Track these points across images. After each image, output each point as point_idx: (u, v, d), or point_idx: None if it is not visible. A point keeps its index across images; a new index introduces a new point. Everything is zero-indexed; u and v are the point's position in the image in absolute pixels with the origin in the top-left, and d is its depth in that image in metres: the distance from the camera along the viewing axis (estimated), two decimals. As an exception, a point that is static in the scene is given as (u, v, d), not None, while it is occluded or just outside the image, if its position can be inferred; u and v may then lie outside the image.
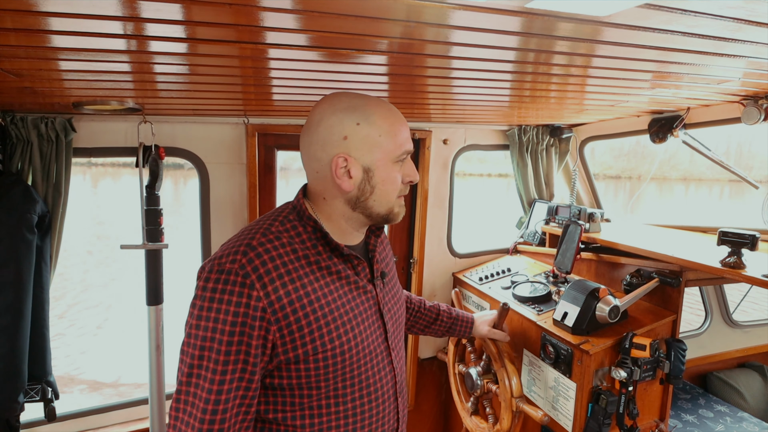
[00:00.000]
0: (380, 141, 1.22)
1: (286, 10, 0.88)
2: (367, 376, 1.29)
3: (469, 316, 2.13)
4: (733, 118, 2.16)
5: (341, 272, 1.26)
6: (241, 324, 1.09)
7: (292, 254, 1.19)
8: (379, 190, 1.25)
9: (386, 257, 1.51)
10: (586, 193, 3.33)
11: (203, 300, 1.11)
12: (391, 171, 1.25)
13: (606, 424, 1.99)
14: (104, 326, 7.79)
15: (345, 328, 1.22)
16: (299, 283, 1.17)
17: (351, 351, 1.23)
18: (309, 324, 1.16)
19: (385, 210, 1.29)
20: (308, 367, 1.19)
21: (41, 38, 1.05)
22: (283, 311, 1.13)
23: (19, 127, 2.06)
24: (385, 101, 1.26)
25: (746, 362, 3.84)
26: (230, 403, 1.10)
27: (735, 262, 1.86)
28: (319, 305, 1.18)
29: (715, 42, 1.12)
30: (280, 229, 1.23)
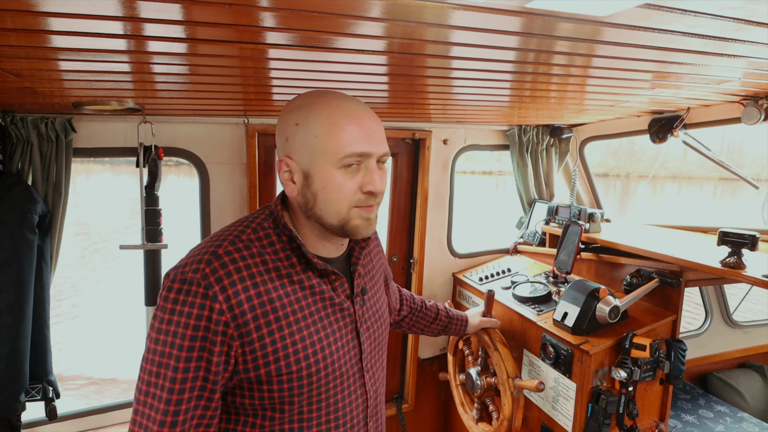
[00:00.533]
0: (316, 143, 1.10)
1: (285, 10, 0.88)
2: (336, 399, 1.20)
3: (464, 315, 2.19)
4: (733, 118, 2.16)
5: (315, 287, 1.16)
6: (201, 338, 1.01)
7: (262, 266, 1.10)
8: (322, 198, 1.12)
9: (372, 269, 1.42)
10: (586, 193, 3.33)
11: (164, 311, 1.03)
12: (332, 177, 1.10)
13: (606, 424, 1.99)
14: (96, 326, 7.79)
15: (314, 348, 1.13)
16: (266, 298, 1.08)
17: (319, 373, 1.14)
18: (274, 342, 1.08)
19: (337, 221, 1.14)
20: (272, 388, 1.11)
21: (41, 38, 1.05)
22: (246, 327, 1.05)
23: (19, 128, 2.06)
24: (343, 97, 1.15)
25: (746, 362, 3.84)
26: (187, 424, 1.03)
27: (735, 262, 1.86)
28: (286, 322, 1.10)
29: (715, 42, 1.12)
30: (252, 237, 1.14)
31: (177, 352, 1.01)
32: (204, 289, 1.02)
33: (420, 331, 2.05)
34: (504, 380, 2.23)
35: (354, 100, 1.15)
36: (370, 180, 1.12)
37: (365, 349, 1.27)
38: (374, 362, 1.32)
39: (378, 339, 1.34)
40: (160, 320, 1.03)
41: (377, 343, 1.34)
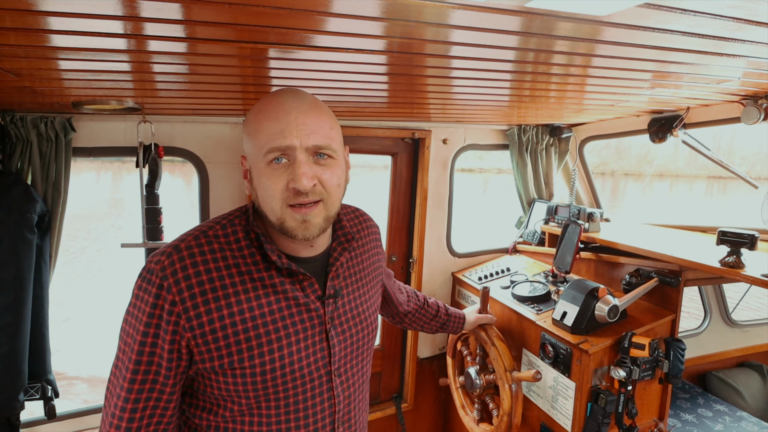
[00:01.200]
0: (247, 140, 1.13)
1: (284, 9, 0.88)
2: (296, 400, 1.19)
3: (461, 313, 2.21)
4: (733, 118, 2.16)
5: (277, 286, 1.16)
6: (155, 326, 1.07)
7: (221, 261, 1.12)
8: (260, 194, 1.13)
9: (361, 270, 1.38)
10: (585, 192, 3.33)
11: (132, 296, 1.11)
12: (262, 173, 1.10)
13: (605, 423, 2.00)
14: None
15: (271, 346, 1.13)
16: (221, 293, 1.10)
17: (275, 371, 1.14)
18: (226, 337, 1.09)
19: (275, 220, 1.11)
20: (227, 380, 1.13)
21: (41, 38, 1.05)
22: (198, 319, 1.07)
23: (19, 127, 2.06)
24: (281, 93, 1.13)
25: (745, 362, 3.85)
26: (141, 404, 1.08)
27: (734, 261, 1.86)
28: (240, 318, 1.11)
29: (715, 42, 1.12)
30: (219, 233, 1.15)
31: (135, 335, 1.08)
32: (159, 280, 1.06)
33: (420, 328, 2.06)
34: (502, 374, 2.24)
35: (291, 94, 1.12)
36: (293, 175, 1.07)
37: (336, 352, 1.24)
38: (349, 367, 1.29)
39: (356, 345, 1.30)
40: (129, 302, 1.11)
41: (354, 348, 1.30)
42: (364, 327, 1.34)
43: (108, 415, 1.10)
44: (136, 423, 1.09)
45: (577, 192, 3.28)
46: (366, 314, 1.35)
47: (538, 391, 2.29)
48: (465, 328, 2.27)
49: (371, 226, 1.49)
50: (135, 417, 1.08)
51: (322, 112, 1.13)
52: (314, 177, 1.09)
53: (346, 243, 1.30)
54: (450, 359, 2.77)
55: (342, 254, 1.29)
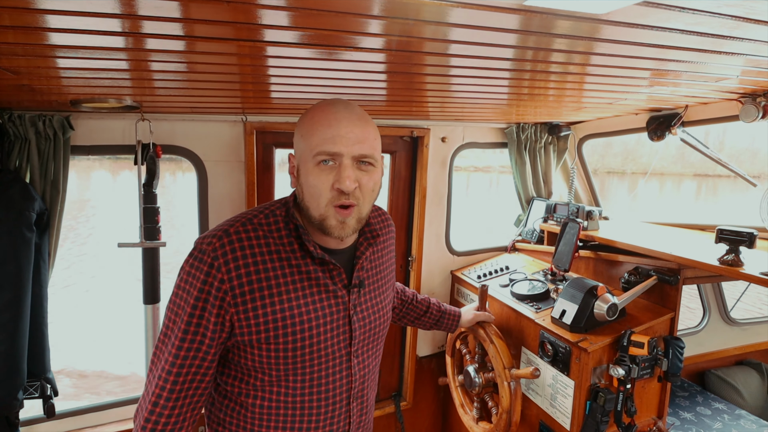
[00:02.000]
0: (300, 141, 1.27)
1: (283, 8, 0.88)
2: (319, 375, 1.34)
3: (457, 311, 2.23)
4: (731, 116, 2.16)
5: (311, 273, 1.30)
6: (203, 300, 1.21)
7: (264, 247, 1.27)
8: (306, 191, 1.26)
9: (381, 265, 1.53)
10: (584, 190, 3.34)
11: (182, 272, 1.25)
12: (310, 172, 1.24)
13: (604, 421, 2.00)
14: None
15: (301, 326, 1.28)
16: (264, 275, 1.24)
17: (304, 349, 1.29)
18: (265, 315, 1.24)
19: (317, 216, 1.26)
20: (260, 353, 1.28)
21: (39, 36, 1.04)
22: (243, 297, 1.22)
23: (17, 125, 2.06)
24: (334, 103, 1.26)
25: (744, 360, 3.85)
26: (185, 369, 1.23)
27: (733, 259, 1.86)
28: (279, 299, 1.26)
29: (714, 40, 1.12)
30: (262, 222, 1.30)
31: (184, 306, 1.23)
32: (211, 259, 1.21)
33: (410, 323, 2.12)
34: (501, 372, 2.25)
35: (343, 105, 1.26)
36: (338, 177, 1.21)
37: (356, 336, 1.39)
38: (366, 350, 1.45)
39: (373, 330, 1.46)
40: (180, 278, 1.26)
41: (372, 333, 1.46)
42: (381, 316, 1.49)
43: (155, 377, 1.25)
44: (179, 385, 1.24)
45: (576, 190, 3.29)
46: (382, 305, 1.51)
47: (537, 389, 2.30)
48: (462, 326, 2.28)
49: (391, 225, 1.65)
50: (179, 380, 1.23)
51: (368, 124, 1.27)
52: (356, 180, 1.23)
53: (371, 239, 1.44)
54: (449, 358, 2.77)
55: (367, 249, 1.43)
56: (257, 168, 2.63)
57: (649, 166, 53.02)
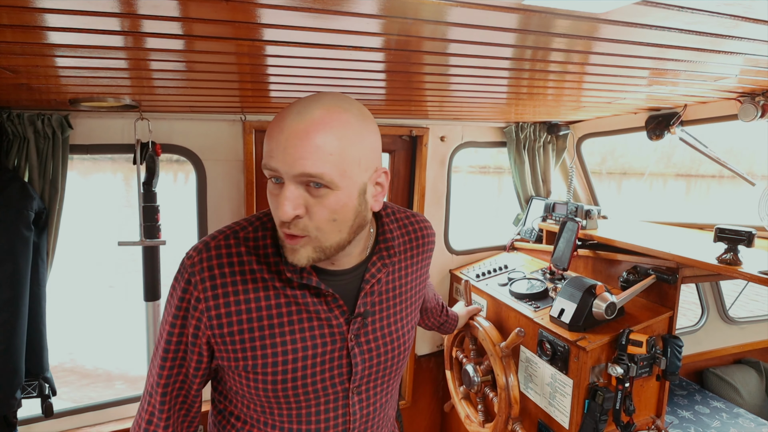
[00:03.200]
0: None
1: (282, 7, 0.88)
2: (308, 412, 1.15)
3: (455, 315, 2.21)
4: (730, 115, 2.16)
5: (298, 297, 1.10)
6: (182, 317, 1.11)
7: (246, 265, 1.09)
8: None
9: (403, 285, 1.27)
10: (583, 190, 3.34)
11: (171, 286, 1.15)
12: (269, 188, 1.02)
13: (602, 420, 2.00)
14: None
15: (284, 357, 1.09)
16: (242, 297, 1.07)
17: (286, 383, 1.11)
18: (242, 341, 1.08)
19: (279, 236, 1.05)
20: (241, 381, 1.13)
21: (37, 35, 1.04)
22: (218, 320, 1.07)
23: (16, 124, 2.05)
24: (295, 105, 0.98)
25: (742, 358, 3.86)
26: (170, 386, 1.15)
27: (731, 258, 1.86)
28: (258, 325, 1.08)
29: (713, 39, 1.12)
30: (249, 236, 1.12)
31: (167, 319, 1.13)
32: (188, 275, 1.09)
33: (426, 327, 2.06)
34: (492, 350, 2.32)
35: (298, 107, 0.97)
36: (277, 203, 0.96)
37: (358, 371, 1.17)
38: (372, 386, 1.22)
39: (384, 364, 1.22)
40: (169, 291, 1.15)
41: (381, 366, 1.22)
42: (398, 345, 1.25)
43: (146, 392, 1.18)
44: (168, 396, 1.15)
45: (575, 189, 3.29)
46: (401, 332, 1.26)
47: (535, 388, 2.30)
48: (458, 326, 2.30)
49: (428, 235, 1.36)
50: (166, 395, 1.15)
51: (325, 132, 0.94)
52: (300, 206, 0.96)
53: (387, 258, 1.20)
54: (449, 372, 2.78)
55: (381, 270, 1.18)
56: (256, 167, 2.63)
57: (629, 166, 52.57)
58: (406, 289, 1.28)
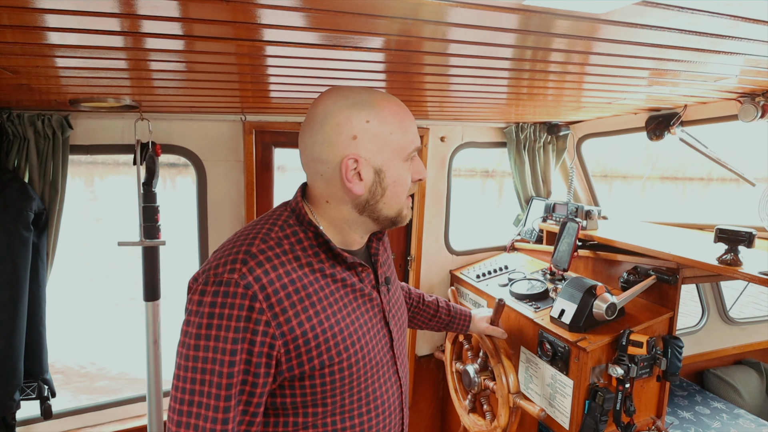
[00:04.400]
0: (391, 139, 1.12)
1: (283, 7, 0.88)
2: (374, 388, 1.21)
3: (467, 312, 2.13)
4: (730, 116, 2.16)
5: (346, 280, 1.17)
6: (243, 341, 0.99)
7: (295, 262, 1.09)
8: (390, 191, 1.16)
9: (388, 260, 1.43)
10: (583, 190, 3.34)
11: (201, 317, 1.00)
12: (402, 170, 1.16)
13: (603, 421, 2.00)
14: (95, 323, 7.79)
15: (352, 339, 1.14)
16: (304, 293, 1.07)
17: (359, 363, 1.15)
18: (316, 337, 1.07)
19: (394, 212, 1.20)
20: (314, 383, 1.10)
21: (38, 35, 1.04)
22: (288, 324, 1.03)
23: (16, 125, 2.06)
24: (391, 95, 1.17)
25: (743, 359, 3.86)
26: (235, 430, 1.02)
27: (732, 259, 1.86)
28: (325, 316, 1.09)
29: (713, 39, 1.12)
30: (281, 235, 1.12)
31: (221, 357, 0.98)
32: (243, 289, 1.00)
33: (418, 327, 2.03)
34: (505, 395, 2.23)
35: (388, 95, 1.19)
36: (421, 169, 1.22)
37: (395, 336, 1.30)
38: (402, 349, 1.36)
39: (402, 327, 1.38)
40: (198, 326, 1.00)
41: (402, 330, 1.38)
42: (404, 311, 1.42)
43: None
44: None
45: (575, 190, 3.29)
46: (401, 298, 1.43)
47: (536, 388, 2.29)
48: (471, 330, 2.17)
49: None
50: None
51: None
52: None
53: (380, 234, 1.35)
54: (449, 344, 2.74)
55: (379, 245, 1.34)
56: (256, 167, 2.63)
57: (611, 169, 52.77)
58: (390, 263, 1.45)
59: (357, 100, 1.11)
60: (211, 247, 2.64)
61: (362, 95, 1.13)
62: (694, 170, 52.58)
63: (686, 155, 40.21)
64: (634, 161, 48.29)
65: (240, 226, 2.67)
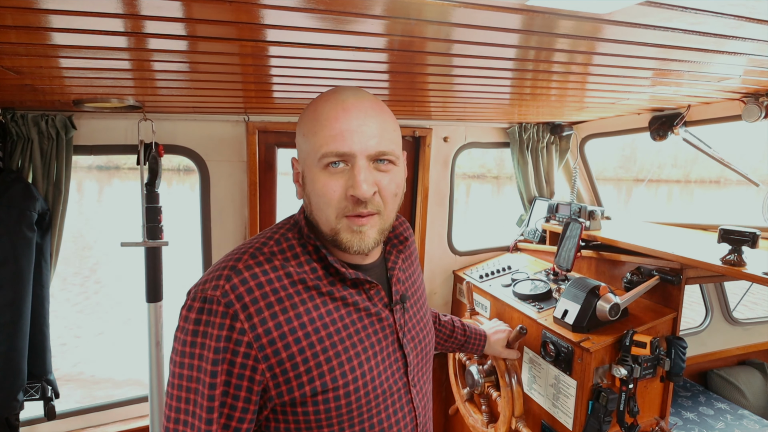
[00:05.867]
0: (302, 142, 1.05)
1: (285, 8, 0.88)
2: (380, 419, 1.10)
3: (482, 333, 2.04)
4: (734, 116, 2.15)
5: (347, 298, 1.07)
6: (223, 361, 0.94)
7: (286, 279, 1.02)
8: (314, 201, 1.04)
9: (413, 274, 1.32)
10: (586, 190, 3.33)
11: (185, 333, 0.97)
12: (317, 178, 1.01)
13: (606, 421, 2.00)
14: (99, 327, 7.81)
15: (352, 363, 1.04)
16: (293, 313, 1.00)
17: (359, 391, 1.05)
18: (306, 361, 1.00)
19: (328, 230, 1.04)
20: (307, 410, 1.02)
21: (42, 35, 1.05)
22: (273, 346, 0.97)
23: (20, 125, 2.06)
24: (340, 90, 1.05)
25: (746, 360, 3.85)
26: None
27: (735, 259, 1.86)
28: (318, 338, 1.01)
29: (716, 39, 1.12)
30: (274, 250, 1.06)
31: (203, 376, 0.95)
32: (224, 307, 0.95)
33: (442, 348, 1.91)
34: (507, 416, 2.23)
35: (351, 92, 1.04)
36: (351, 183, 0.98)
37: (411, 361, 1.17)
38: (421, 375, 1.23)
39: (425, 351, 1.25)
40: (182, 342, 0.98)
41: (423, 353, 1.24)
42: (428, 332, 1.28)
43: None
44: None
45: (578, 190, 3.28)
46: (426, 318, 1.29)
47: (539, 389, 2.29)
48: (487, 351, 2.09)
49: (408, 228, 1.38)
50: None
51: (385, 111, 1.05)
52: (375, 184, 1.00)
53: (399, 245, 1.25)
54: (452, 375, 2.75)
55: (398, 258, 1.23)
56: (259, 168, 2.64)
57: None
58: (415, 278, 1.32)
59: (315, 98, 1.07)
60: (214, 248, 2.64)
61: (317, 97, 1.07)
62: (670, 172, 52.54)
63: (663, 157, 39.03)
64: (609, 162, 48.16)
65: (243, 226, 2.67)
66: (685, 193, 39.49)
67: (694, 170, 51.76)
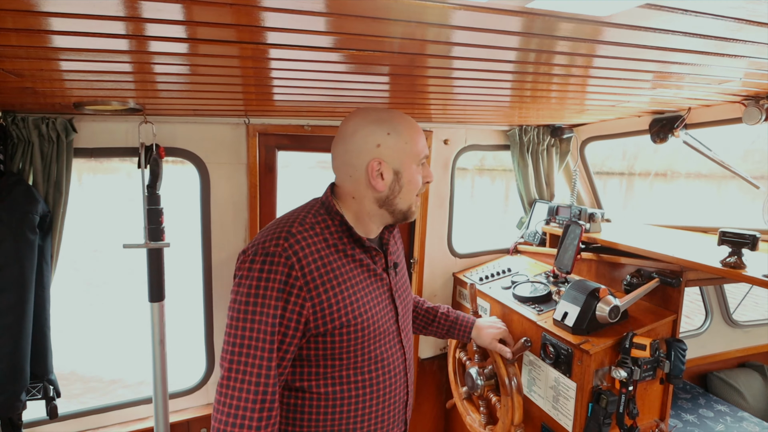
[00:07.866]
0: (406, 148, 1.45)
1: (286, 11, 0.88)
2: (381, 351, 1.48)
3: (470, 320, 2.13)
4: (734, 119, 2.15)
5: (363, 261, 1.46)
6: (285, 300, 1.29)
7: (323, 242, 1.39)
8: (405, 189, 1.47)
9: (398, 250, 1.70)
10: (586, 193, 3.33)
11: (251, 279, 1.29)
12: (414, 173, 1.48)
13: (606, 423, 2.00)
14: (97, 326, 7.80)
15: (365, 308, 1.42)
16: (329, 267, 1.37)
17: (369, 328, 1.43)
18: (337, 302, 1.36)
19: (406, 207, 1.50)
20: (333, 340, 1.38)
21: (42, 38, 1.05)
22: (316, 290, 1.33)
23: (20, 128, 2.06)
24: (404, 114, 1.51)
25: (746, 362, 3.85)
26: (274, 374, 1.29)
27: (735, 262, 1.86)
28: (345, 287, 1.38)
29: (716, 42, 1.12)
30: (313, 221, 1.42)
31: (267, 309, 1.28)
32: (285, 259, 1.30)
33: (417, 331, 2.11)
34: (507, 424, 2.23)
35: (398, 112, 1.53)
36: (429, 173, 1.54)
37: (400, 312, 1.58)
38: (406, 325, 1.63)
39: (407, 307, 1.66)
40: (249, 286, 1.29)
41: (407, 309, 1.66)
42: (409, 294, 1.71)
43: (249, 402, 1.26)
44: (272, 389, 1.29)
45: (578, 192, 3.28)
46: (406, 286, 1.70)
47: (539, 391, 2.29)
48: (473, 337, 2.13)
49: None
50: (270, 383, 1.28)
51: None
52: None
53: (392, 228, 1.62)
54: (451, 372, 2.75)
55: (390, 236, 1.60)
56: (260, 170, 2.64)
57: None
58: (400, 254, 1.72)
59: (379, 117, 1.45)
60: (214, 249, 2.64)
61: (383, 114, 1.46)
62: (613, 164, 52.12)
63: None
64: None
65: (243, 228, 2.68)
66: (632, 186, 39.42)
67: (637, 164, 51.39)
